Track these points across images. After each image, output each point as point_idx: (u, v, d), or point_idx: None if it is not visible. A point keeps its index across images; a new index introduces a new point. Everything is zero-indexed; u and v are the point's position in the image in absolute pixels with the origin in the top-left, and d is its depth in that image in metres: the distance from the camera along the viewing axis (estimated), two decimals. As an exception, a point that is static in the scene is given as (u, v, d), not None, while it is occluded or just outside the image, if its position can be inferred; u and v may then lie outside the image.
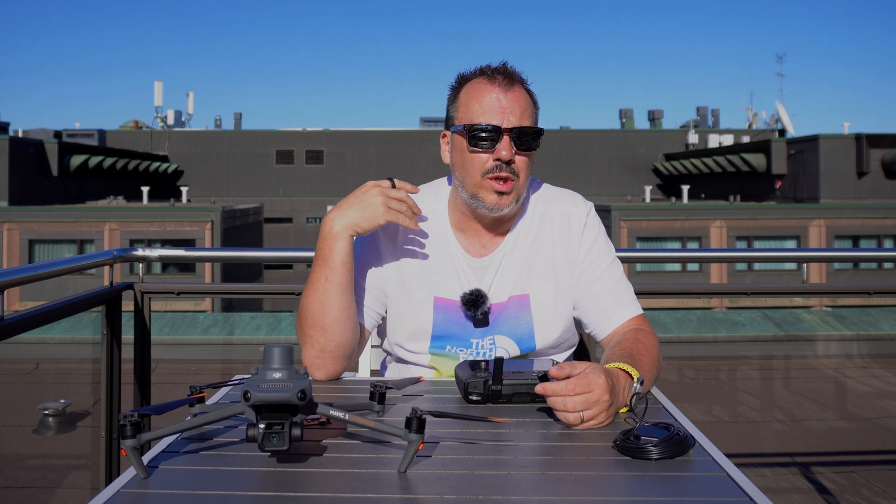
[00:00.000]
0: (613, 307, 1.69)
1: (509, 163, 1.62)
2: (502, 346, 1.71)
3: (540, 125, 1.71)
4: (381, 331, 1.85)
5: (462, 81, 1.70)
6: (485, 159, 1.63)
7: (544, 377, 1.33)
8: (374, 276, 1.71)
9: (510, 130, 1.62)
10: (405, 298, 1.71)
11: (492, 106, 1.63)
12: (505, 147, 1.61)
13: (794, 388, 8.55)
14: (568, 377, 1.30)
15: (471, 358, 1.69)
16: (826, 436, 6.57)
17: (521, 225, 1.74)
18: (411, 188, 1.62)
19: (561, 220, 1.74)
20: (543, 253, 1.72)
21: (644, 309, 1.74)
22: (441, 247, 1.73)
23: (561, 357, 1.77)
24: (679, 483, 1.08)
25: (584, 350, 2.11)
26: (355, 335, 1.62)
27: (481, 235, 1.73)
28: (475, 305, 1.68)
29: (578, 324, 1.77)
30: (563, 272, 1.72)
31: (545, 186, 1.81)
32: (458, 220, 1.73)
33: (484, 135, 1.63)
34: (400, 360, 1.79)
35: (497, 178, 1.63)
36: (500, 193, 1.63)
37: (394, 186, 1.59)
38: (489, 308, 1.70)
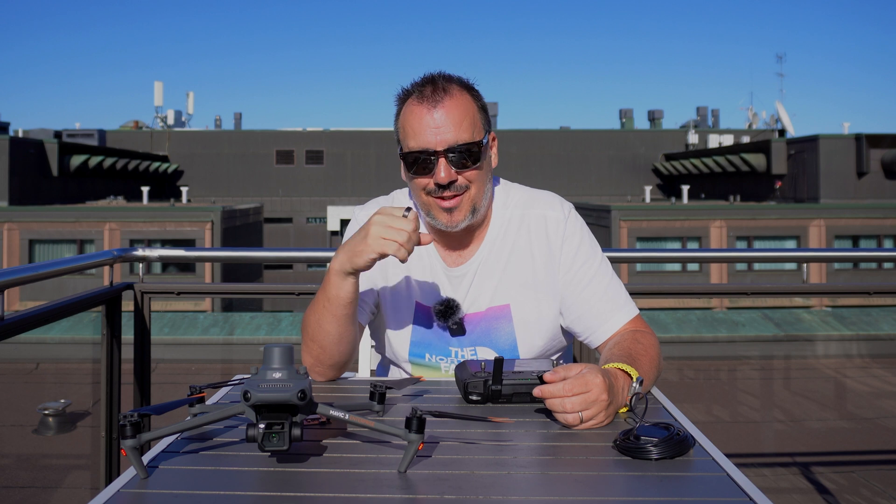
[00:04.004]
0: (608, 312, 1.65)
1: (451, 183, 1.58)
2: (484, 357, 1.68)
3: (486, 126, 1.63)
4: (371, 334, 1.85)
5: (400, 101, 1.65)
6: (426, 182, 1.60)
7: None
8: (365, 276, 1.70)
9: (445, 152, 1.57)
10: (390, 302, 1.71)
11: (422, 127, 1.58)
12: (442, 169, 1.57)
13: (794, 388, 8.55)
14: (564, 380, 1.29)
15: (452, 367, 1.68)
16: (826, 436, 6.57)
17: (498, 231, 1.70)
18: (420, 229, 1.47)
19: (537, 225, 1.69)
20: (522, 260, 1.68)
21: (644, 309, 1.71)
22: (420, 255, 1.71)
23: (554, 358, 1.75)
24: (679, 483, 1.08)
25: (571, 356, 2.10)
26: (351, 350, 1.60)
27: (456, 244, 1.70)
28: (446, 316, 1.66)
29: (567, 331, 1.73)
30: (544, 279, 1.67)
31: (522, 189, 1.76)
32: (433, 229, 1.70)
33: (419, 160, 1.59)
34: (389, 364, 1.80)
35: (441, 198, 1.60)
36: (449, 210, 1.60)
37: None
38: (462, 318, 1.67)
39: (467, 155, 1.58)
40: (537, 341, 1.68)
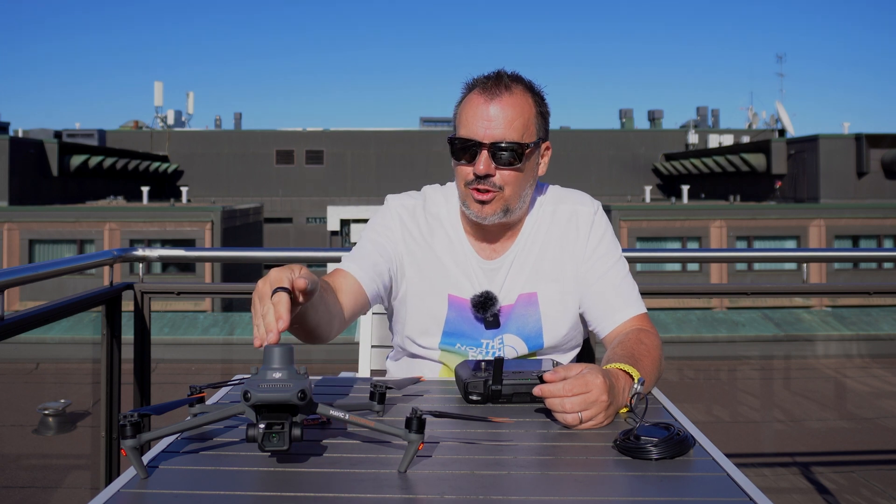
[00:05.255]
0: (617, 305, 1.69)
1: (487, 177, 1.61)
2: (511, 344, 1.71)
3: (541, 133, 1.66)
4: (392, 325, 1.85)
5: (466, 90, 1.69)
6: (467, 171, 1.64)
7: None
8: (386, 254, 1.71)
9: (489, 145, 1.60)
10: (421, 291, 1.72)
11: (476, 118, 1.62)
12: (482, 161, 1.60)
13: (794, 388, 8.55)
14: (564, 380, 1.29)
15: (479, 357, 1.70)
16: (826, 436, 6.58)
17: (531, 227, 1.75)
18: (281, 312, 1.16)
19: (569, 219, 1.75)
20: (552, 252, 1.73)
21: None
22: (455, 248, 1.74)
23: (565, 357, 1.77)
24: (679, 483, 1.08)
25: (588, 350, 2.11)
26: (324, 320, 1.46)
27: (491, 238, 1.74)
28: (484, 308, 1.68)
29: (584, 321, 1.77)
30: (570, 270, 1.73)
31: (554, 188, 1.82)
32: (468, 223, 1.74)
33: (465, 148, 1.63)
34: (409, 354, 1.80)
35: (477, 190, 1.63)
36: (482, 203, 1.64)
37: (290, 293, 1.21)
38: (499, 310, 1.70)
39: (510, 154, 1.61)
40: (561, 329, 1.72)
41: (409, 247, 1.74)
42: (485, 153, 1.61)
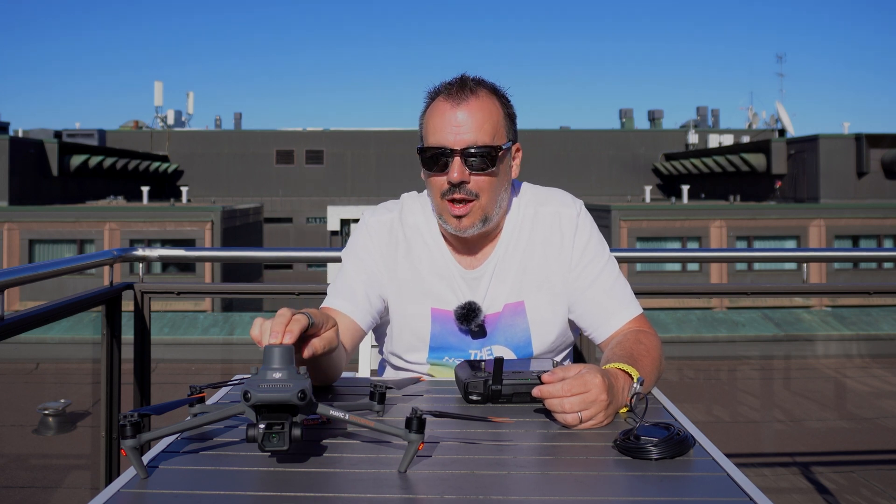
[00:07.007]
0: (612, 309, 1.66)
1: (462, 184, 1.58)
2: (500, 354, 1.68)
3: (510, 135, 1.64)
4: (379, 337, 1.83)
5: (429, 98, 1.66)
6: (441, 181, 1.60)
7: (544, 377, 1.33)
8: (372, 280, 1.69)
9: (461, 151, 1.57)
10: (403, 310, 1.70)
11: (444, 125, 1.58)
12: (456, 169, 1.57)
13: (794, 388, 8.56)
14: (562, 380, 1.29)
15: None
16: (826, 436, 6.58)
17: (512, 231, 1.71)
18: (292, 327, 1.19)
19: (552, 222, 1.70)
20: (536, 257, 1.69)
21: (644, 309, 1.72)
22: (435, 259, 1.71)
23: (559, 358, 1.76)
24: (679, 483, 1.08)
25: (578, 350, 2.11)
26: (332, 367, 1.52)
27: (471, 246, 1.70)
28: (468, 319, 1.66)
29: (574, 325, 1.75)
30: (557, 275, 1.69)
31: (532, 188, 1.77)
32: (447, 233, 1.71)
33: (435, 157, 1.59)
34: (397, 368, 1.79)
35: (452, 201, 1.60)
36: (459, 217, 1.60)
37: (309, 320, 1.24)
38: (484, 320, 1.67)
39: (483, 158, 1.57)
40: (550, 336, 1.70)
41: (389, 266, 1.71)
42: (457, 160, 1.57)
